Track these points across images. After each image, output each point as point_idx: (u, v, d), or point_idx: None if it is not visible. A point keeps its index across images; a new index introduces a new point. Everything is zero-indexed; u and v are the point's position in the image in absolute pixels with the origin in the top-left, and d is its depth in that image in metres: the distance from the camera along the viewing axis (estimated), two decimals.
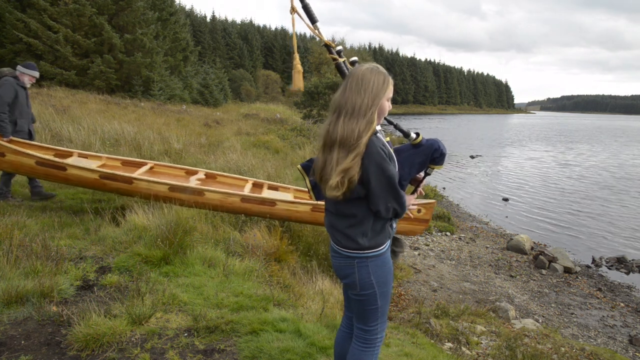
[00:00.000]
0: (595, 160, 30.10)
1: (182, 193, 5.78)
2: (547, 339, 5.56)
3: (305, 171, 2.47)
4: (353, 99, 2.02)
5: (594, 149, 39.44)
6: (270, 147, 14.86)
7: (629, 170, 25.55)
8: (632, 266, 9.84)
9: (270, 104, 42.45)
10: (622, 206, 16.05)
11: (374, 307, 2.25)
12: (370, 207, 2.09)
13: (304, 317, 3.71)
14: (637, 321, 7.26)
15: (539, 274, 9.00)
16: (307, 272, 5.38)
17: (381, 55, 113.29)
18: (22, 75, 6.31)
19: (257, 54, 79.13)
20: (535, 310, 7.18)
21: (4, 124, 6.00)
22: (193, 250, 4.54)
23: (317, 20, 2.61)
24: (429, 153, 2.42)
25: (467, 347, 4.87)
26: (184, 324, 3.32)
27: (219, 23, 75.75)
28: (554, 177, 22.13)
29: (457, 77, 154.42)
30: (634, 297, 8.33)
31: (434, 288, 7.35)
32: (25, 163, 5.63)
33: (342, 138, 1.99)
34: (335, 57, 2.58)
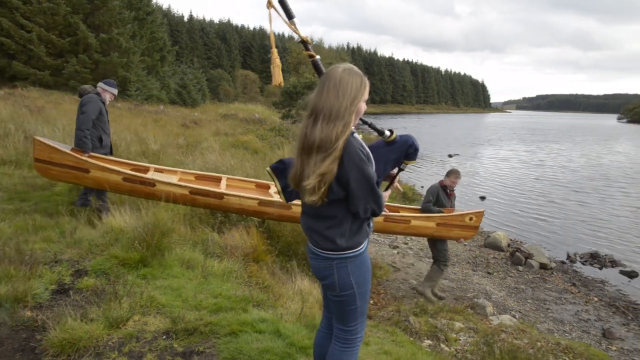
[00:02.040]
0: (568, 159, 30.70)
1: (270, 207, 5.88)
2: (524, 334, 5.65)
3: (275, 173, 2.46)
4: (331, 102, 2.00)
5: (568, 147, 40.22)
6: (249, 147, 14.80)
7: (600, 169, 26.12)
8: (605, 261, 10.07)
9: (248, 104, 42.22)
10: (594, 203, 16.40)
11: (353, 307, 2.26)
12: (349, 208, 2.10)
13: (284, 317, 3.71)
14: (609, 315, 7.43)
15: (516, 271, 9.15)
16: (286, 272, 5.38)
17: (359, 55, 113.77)
18: (104, 92, 6.33)
19: (236, 54, 78.77)
20: (512, 306, 7.29)
21: (87, 139, 5.96)
22: (171, 252, 4.51)
23: (294, 16, 2.60)
24: (403, 149, 2.44)
25: (445, 344, 4.93)
26: (162, 326, 3.30)
27: (196, 23, 75.22)
28: (530, 175, 22.49)
29: (434, 77, 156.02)
30: (606, 291, 8.53)
31: (412, 286, 7.41)
32: (111, 179, 5.65)
33: (320, 142, 1.97)
34: (312, 54, 2.58)
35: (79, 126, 5.96)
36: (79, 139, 5.97)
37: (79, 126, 5.96)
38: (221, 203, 5.85)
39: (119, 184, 5.68)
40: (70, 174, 5.64)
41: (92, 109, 6.02)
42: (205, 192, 5.78)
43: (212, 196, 5.79)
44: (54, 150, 5.57)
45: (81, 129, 5.94)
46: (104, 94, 6.33)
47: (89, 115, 5.97)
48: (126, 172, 5.71)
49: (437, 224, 6.55)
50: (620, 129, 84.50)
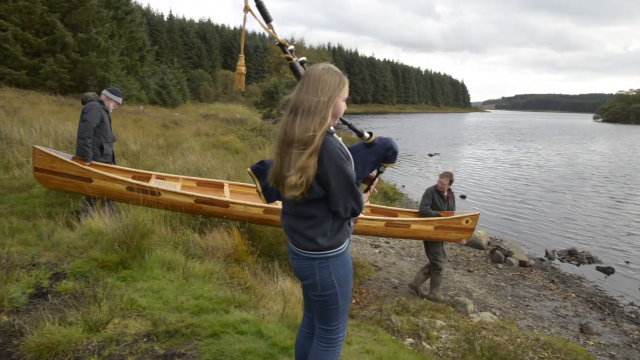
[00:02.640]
0: (546, 158, 31.18)
1: (275, 215, 5.91)
2: (504, 331, 5.73)
3: (256, 174, 2.46)
4: (309, 99, 2.02)
5: (546, 147, 40.83)
6: (230, 147, 14.74)
7: (576, 168, 26.57)
8: (582, 258, 10.25)
9: (229, 104, 42.09)
10: (571, 201, 16.69)
11: (335, 307, 2.27)
12: (329, 207, 2.11)
13: (266, 317, 3.70)
14: (587, 310, 7.57)
15: (496, 268, 9.26)
16: (268, 272, 5.37)
17: (340, 55, 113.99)
18: (107, 100, 6.25)
19: (216, 54, 78.27)
20: (493, 304, 7.38)
21: (87, 148, 5.88)
22: (151, 253, 4.46)
23: (271, 19, 2.60)
24: (382, 152, 2.46)
25: (427, 342, 4.97)
26: (143, 329, 3.26)
27: (176, 22, 74.56)
28: (508, 174, 22.78)
29: (415, 77, 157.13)
30: (584, 287, 8.69)
31: (394, 285, 7.46)
32: (114, 188, 5.61)
33: (299, 137, 1.99)
34: (289, 57, 2.57)
35: (80, 135, 5.89)
36: (79, 147, 5.89)
37: (80, 135, 5.89)
38: (227, 211, 5.87)
39: (123, 193, 5.64)
40: (72, 183, 5.58)
41: (94, 117, 5.93)
42: (210, 200, 5.77)
43: (217, 205, 5.79)
44: (55, 160, 5.51)
45: (82, 137, 5.87)
46: (108, 102, 6.27)
47: (90, 123, 5.89)
48: (130, 181, 5.67)
49: (435, 227, 6.76)
50: (596, 128, 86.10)
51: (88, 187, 5.60)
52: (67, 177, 5.53)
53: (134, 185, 5.65)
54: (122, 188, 5.62)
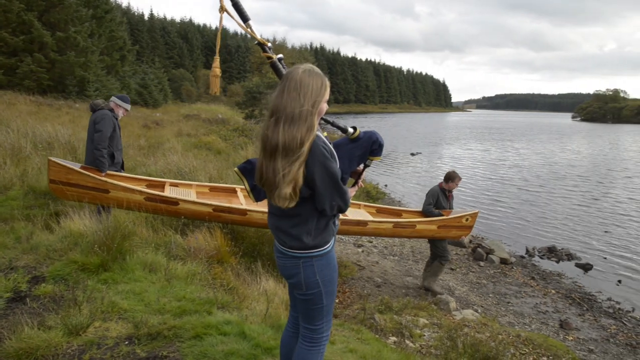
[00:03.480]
0: (526, 157, 31.59)
1: None
2: (486, 328, 5.79)
3: (243, 173, 2.45)
4: (292, 104, 1.99)
5: (525, 146, 41.40)
6: (212, 148, 14.66)
7: (555, 167, 26.98)
8: (561, 255, 10.42)
9: (211, 105, 41.85)
10: (550, 200, 16.94)
11: (320, 306, 2.27)
12: (315, 206, 2.11)
13: (249, 318, 3.69)
14: (566, 306, 7.69)
15: (478, 266, 9.36)
16: (251, 272, 5.35)
17: (322, 55, 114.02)
18: (117, 107, 6.13)
19: (198, 54, 77.76)
20: (475, 301, 7.46)
21: (104, 159, 5.79)
22: (133, 255, 4.42)
23: (249, 19, 2.57)
24: (367, 145, 2.44)
25: (410, 340, 5.00)
26: (124, 332, 3.23)
27: (157, 21, 73.82)
28: (489, 173, 23.04)
29: (397, 77, 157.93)
30: (563, 283, 8.83)
31: (377, 284, 7.49)
32: (133, 199, 5.57)
33: (284, 145, 1.96)
34: (270, 56, 2.55)
35: (96, 145, 5.78)
36: (95, 158, 5.80)
37: (96, 145, 5.78)
38: (245, 219, 5.94)
39: (141, 203, 5.62)
40: (89, 194, 5.53)
41: (108, 126, 5.84)
42: (228, 209, 5.81)
43: (235, 213, 5.84)
44: (70, 171, 5.45)
45: (98, 148, 5.77)
46: (117, 109, 6.15)
47: (105, 133, 5.79)
48: (148, 192, 5.65)
49: (438, 226, 7.04)
50: (574, 127, 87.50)
51: (105, 199, 5.57)
52: (83, 188, 5.49)
53: (153, 196, 5.65)
54: (140, 199, 5.60)
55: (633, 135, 62.98)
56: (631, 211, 15.24)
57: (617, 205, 16.23)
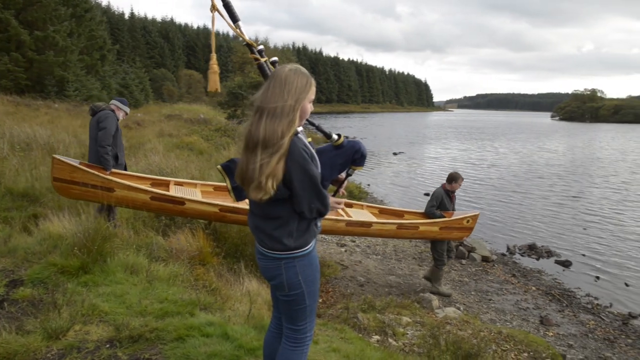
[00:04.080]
0: (506, 156, 31.98)
1: None
2: (468, 325, 5.85)
3: (226, 171, 2.44)
4: (276, 100, 2.01)
5: (506, 145, 41.89)
6: (194, 148, 14.56)
7: (534, 165, 27.35)
8: (541, 252, 10.57)
9: (193, 105, 41.50)
10: (530, 198, 17.17)
11: (302, 307, 2.28)
12: (294, 207, 2.11)
13: (232, 319, 3.68)
14: (546, 303, 7.80)
15: (459, 264, 9.45)
16: (234, 273, 5.34)
17: (305, 55, 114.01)
18: (118, 110, 6.14)
19: (179, 53, 77.21)
20: (457, 299, 7.53)
21: (108, 157, 5.76)
22: (114, 257, 4.37)
23: (238, 19, 2.57)
24: (350, 154, 2.46)
25: (393, 339, 5.03)
26: (105, 335, 3.20)
27: (138, 21, 73.13)
28: (471, 172, 23.25)
29: (379, 77, 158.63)
30: (543, 280, 8.95)
31: (360, 283, 7.51)
32: (138, 198, 5.54)
33: (265, 138, 1.98)
34: (257, 57, 2.55)
35: (100, 143, 5.75)
36: (100, 155, 5.77)
37: (100, 143, 5.75)
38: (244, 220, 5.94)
39: (147, 202, 5.59)
40: (93, 193, 5.46)
41: (112, 125, 5.84)
42: (234, 209, 5.79)
43: (241, 213, 5.83)
44: (75, 169, 5.38)
45: (102, 145, 5.75)
46: (118, 112, 6.17)
47: (109, 131, 5.78)
48: (154, 191, 5.61)
49: (440, 227, 7.15)
50: (554, 126, 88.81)
51: (110, 197, 5.51)
52: (88, 187, 5.43)
53: (159, 195, 5.61)
54: (145, 198, 5.56)
55: (610, 134, 64.15)
56: (608, 209, 15.53)
57: (594, 203, 16.52)
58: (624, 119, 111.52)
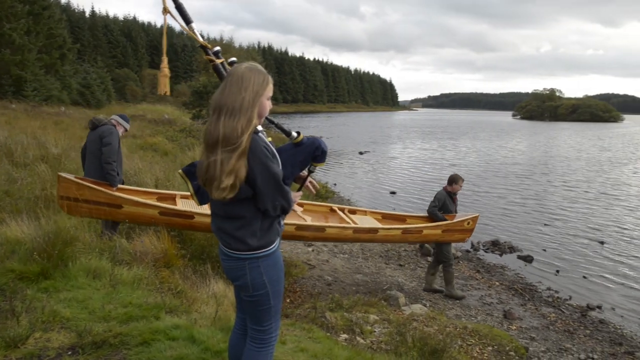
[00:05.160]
0: (469, 154, 32.63)
1: (306, 231, 6.25)
2: (434, 321, 5.94)
3: (187, 175, 2.42)
4: (233, 98, 2.01)
5: (469, 143, 42.73)
6: (158, 149, 14.34)
7: (497, 164, 28.00)
8: (504, 248, 10.83)
9: (157, 105, 40.92)
10: (493, 195, 17.57)
11: (267, 307, 2.27)
12: (258, 206, 2.11)
13: (198, 322, 3.65)
14: (509, 297, 8.01)
15: (425, 261, 9.59)
16: (200, 275, 5.28)
17: (270, 55, 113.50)
18: (118, 125, 5.98)
19: (143, 53, 75.79)
20: (423, 296, 7.64)
21: (114, 172, 5.63)
22: (75, 261, 4.27)
23: (191, 21, 2.55)
24: (310, 151, 2.47)
25: (361, 337, 5.06)
26: (67, 341, 3.12)
27: (99, 19, 71.45)
28: (435, 171, 23.64)
29: (344, 76, 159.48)
30: (506, 275, 9.18)
31: (328, 282, 7.55)
32: (146, 214, 5.51)
33: (224, 136, 1.97)
34: (212, 59, 2.54)
35: (106, 159, 5.61)
36: (106, 172, 5.65)
37: (106, 159, 5.61)
38: None
39: (155, 217, 5.53)
40: (100, 210, 5.37)
41: (115, 140, 5.73)
42: None
43: None
44: (81, 187, 5.29)
45: (108, 162, 5.61)
46: (118, 127, 6.02)
47: (114, 146, 5.66)
48: (162, 206, 5.57)
49: (442, 230, 7.32)
50: (515, 125, 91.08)
51: (118, 214, 5.42)
52: (95, 204, 5.33)
53: (168, 210, 5.57)
54: (154, 213, 5.53)
55: (567, 132, 66.21)
56: (567, 204, 16.04)
57: (554, 200, 17.03)
58: (581, 118, 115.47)
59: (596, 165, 27.47)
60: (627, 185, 20.15)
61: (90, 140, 5.80)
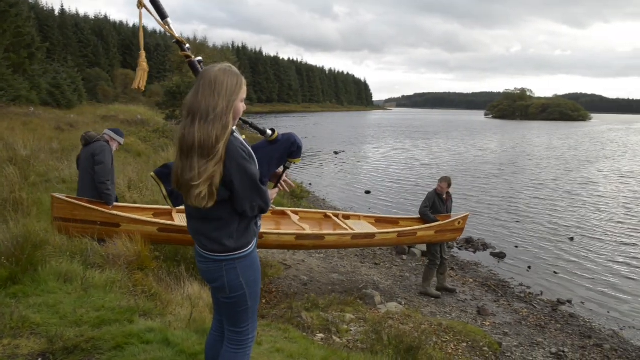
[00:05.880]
0: (442, 153, 33.03)
1: (306, 240, 6.36)
2: (409, 319, 5.99)
3: (160, 177, 2.39)
4: (207, 102, 1.97)
5: (443, 142, 43.24)
6: (131, 150, 14.12)
7: (471, 162, 28.39)
8: (478, 245, 11.01)
9: (130, 105, 40.18)
10: (465, 193, 17.80)
11: (244, 308, 2.25)
12: (235, 207, 2.09)
13: (172, 324, 3.61)
14: (483, 294, 8.14)
15: (400, 260, 9.67)
16: (175, 277, 5.22)
17: (245, 54, 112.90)
18: (112, 141, 5.82)
19: (114, 52, 74.51)
20: (399, 294, 7.71)
21: (109, 192, 5.52)
22: (45, 265, 4.17)
23: (167, 16, 2.51)
24: (286, 147, 2.46)
25: (337, 336, 5.08)
26: (37, 347, 3.05)
27: (69, 18, 70.00)
28: (409, 169, 23.88)
29: (319, 76, 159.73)
30: (480, 272, 9.33)
31: (304, 282, 7.55)
32: (144, 231, 5.42)
33: (200, 143, 1.94)
34: (188, 55, 2.51)
35: (99, 179, 5.47)
36: (101, 192, 5.52)
37: (99, 179, 5.47)
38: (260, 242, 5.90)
39: (154, 234, 5.49)
40: (98, 229, 5.25)
41: (108, 158, 5.59)
42: None
43: None
44: (77, 207, 5.20)
45: (102, 181, 5.48)
46: (112, 142, 5.86)
47: (107, 165, 5.53)
48: (161, 223, 5.51)
49: (435, 231, 7.48)
50: (487, 124, 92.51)
51: (116, 233, 5.30)
52: (92, 224, 5.23)
53: (167, 226, 5.53)
54: (152, 230, 5.48)
55: (538, 131, 67.58)
56: (537, 202, 16.38)
57: (525, 197, 17.36)
58: (551, 117, 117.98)
59: (565, 163, 28.09)
60: (594, 184, 20.66)
61: (82, 157, 5.69)
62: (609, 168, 26.25)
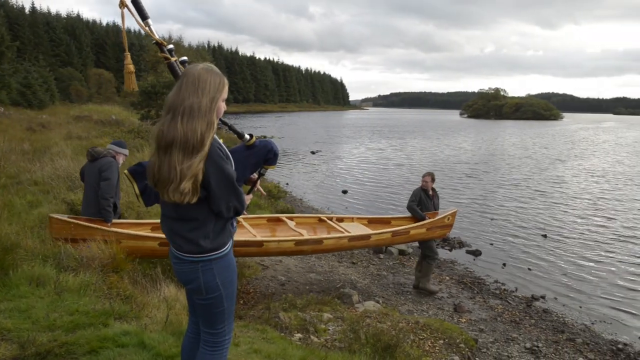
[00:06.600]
0: (418, 152, 33.33)
1: (305, 245, 6.45)
2: (387, 317, 6.04)
3: (133, 176, 2.37)
4: (190, 99, 1.98)
5: (419, 142, 43.64)
6: None
7: (446, 161, 28.71)
8: (454, 243, 11.14)
9: (104, 105, 39.54)
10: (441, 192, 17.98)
11: (221, 310, 2.24)
12: (211, 207, 2.08)
13: (148, 327, 3.57)
14: (459, 291, 8.24)
15: (378, 259, 9.73)
16: (150, 279, 5.17)
17: (220, 54, 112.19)
18: (118, 155, 5.75)
19: (88, 52, 73.23)
20: (376, 292, 7.76)
21: (110, 208, 5.46)
22: (17, 269, 4.09)
23: (148, 17, 2.49)
24: (262, 154, 2.48)
25: (315, 336, 5.09)
26: (8, 354, 2.99)
27: (40, 16, 68.53)
28: (383, 169, 24.02)
29: (295, 76, 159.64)
30: (456, 270, 9.45)
31: (281, 282, 7.54)
32: (145, 246, 5.46)
33: (183, 140, 1.93)
34: (167, 56, 2.49)
35: (103, 195, 5.42)
36: (102, 208, 5.45)
37: (103, 195, 5.42)
38: (261, 250, 6.08)
39: (155, 249, 5.48)
40: None
41: (115, 175, 5.53)
42: (244, 242, 5.82)
43: (252, 245, 5.90)
44: (76, 226, 5.14)
45: (105, 197, 5.42)
46: (118, 157, 5.79)
47: (113, 181, 5.47)
48: (161, 237, 5.38)
49: (427, 228, 7.63)
50: (462, 123, 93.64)
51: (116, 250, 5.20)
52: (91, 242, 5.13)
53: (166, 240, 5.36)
54: (153, 245, 5.44)
55: (512, 130, 68.71)
56: (511, 200, 16.66)
57: (499, 195, 17.64)
58: (524, 116, 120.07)
59: (537, 162, 28.58)
60: (565, 182, 21.08)
61: (88, 172, 5.64)
62: (579, 167, 26.82)
